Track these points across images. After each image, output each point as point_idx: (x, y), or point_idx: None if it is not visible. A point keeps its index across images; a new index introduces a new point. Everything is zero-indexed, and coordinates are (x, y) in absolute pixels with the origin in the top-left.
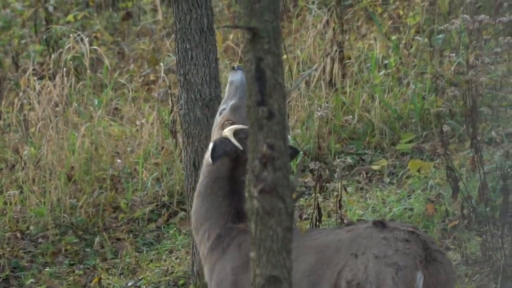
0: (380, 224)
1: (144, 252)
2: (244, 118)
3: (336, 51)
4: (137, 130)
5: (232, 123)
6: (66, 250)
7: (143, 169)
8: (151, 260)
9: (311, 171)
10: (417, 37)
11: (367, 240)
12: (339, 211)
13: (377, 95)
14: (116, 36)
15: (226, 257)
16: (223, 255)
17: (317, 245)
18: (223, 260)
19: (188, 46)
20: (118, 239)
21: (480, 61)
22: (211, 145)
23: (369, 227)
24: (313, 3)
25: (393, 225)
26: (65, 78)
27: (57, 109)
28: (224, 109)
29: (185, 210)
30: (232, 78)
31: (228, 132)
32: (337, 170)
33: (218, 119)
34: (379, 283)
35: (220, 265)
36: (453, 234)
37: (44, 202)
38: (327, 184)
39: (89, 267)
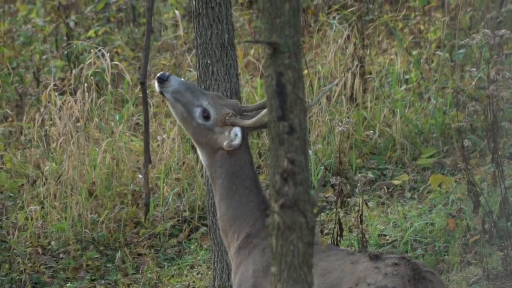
0: (374, 257)
1: (166, 267)
2: (226, 103)
3: (357, 66)
4: (158, 145)
5: (233, 114)
6: (87, 265)
7: (165, 184)
8: (173, 276)
9: (332, 186)
10: (438, 52)
11: (362, 272)
12: (360, 226)
13: (398, 110)
14: (137, 52)
15: (250, 258)
16: (248, 256)
17: (324, 268)
18: (247, 261)
19: (209, 61)
20: (140, 255)
21: (501, 75)
22: (237, 131)
23: (366, 261)
24: (334, 18)
25: (387, 255)
26: (86, 94)
27: (78, 124)
28: (204, 111)
29: (206, 225)
30: (173, 88)
31: (252, 120)
32: (358, 185)
33: (201, 121)
34: None
35: (244, 266)
36: (475, 249)
37: (66, 218)
38: (348, 199)
39: (110, 282)
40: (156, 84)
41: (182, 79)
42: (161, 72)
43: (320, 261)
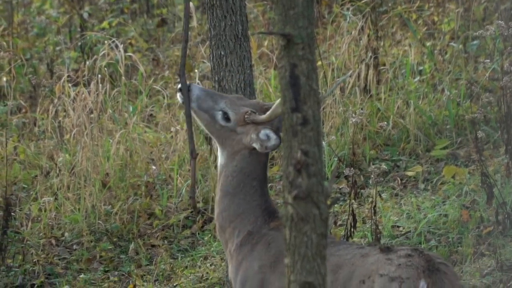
0: (386, 249)
1: (179, 258)
2: (246, 103)
3: (370, 57)
4: (172, 136)
5: (252, 112)
6: (101, 256)
7: (178, 175)
8: (186, 267)
9: (346, 177)
10: (451, 43)
11: (374, 264)
12: (373, 217)
13: (411, 102)
14: (151, 43)
15: (254, 254)
16: (251, 252)
17: (335, 264)
18: (251, 257)
19: (222, 53)
20: (153, 246)
21: None
22: (268, 132)
23: (377, 253)
24: (347, 9)
25: (398, 248)
26: (100, 85)
27: (92, 115)
28: (224, 113)
29: None
30: (195, 96)
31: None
32: (372, 176)
33: (223, 123)
34: None
35: (248, 262)
36: (488, 240)
37: (79, 209)
38: (362, 191)
39: (124, 273)
40: (178, 95)
41: (201, 86)
42: (180, 86)
43: (330, 256)
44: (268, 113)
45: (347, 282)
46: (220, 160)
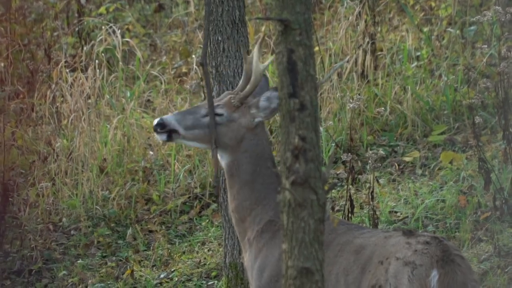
0: (408, 233)
1: (177, 244)
2: (221, 97)
3: (368, 43)
4: None
5: (234, 95)
6: (98, 242)
7: (175, 161)
8: (184, 252)
9: (343, 162)
10: (449, 29)
11: (393, 246)
12: (371, 202)
13: (409, 87)
14: (148, 28)
15: (275, 241)
16: (272, 239)
17: (359, 244)
18: (271, 244)
19: (220, 38)
20: (151, 231)
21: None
22: (271, 93)
23: (400, 236)
24: None
25: (421, 233)
26: (97, 70)
27: (89, 101)
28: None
29: (217, 202)
30: (171, 124)
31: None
32: (369, 161)
33: (220, 120)
34: (397, 283)
35: (268, 249)
36: (485, 225)
37: (77, 194)
38: (359, 176)
39: (121, 259)
40: (161, 137)
41: (171, 114)
42: (155, 122)
43: (355, 238)
44: (252, 79)
45: (367, 261)
46: (225, 160)
